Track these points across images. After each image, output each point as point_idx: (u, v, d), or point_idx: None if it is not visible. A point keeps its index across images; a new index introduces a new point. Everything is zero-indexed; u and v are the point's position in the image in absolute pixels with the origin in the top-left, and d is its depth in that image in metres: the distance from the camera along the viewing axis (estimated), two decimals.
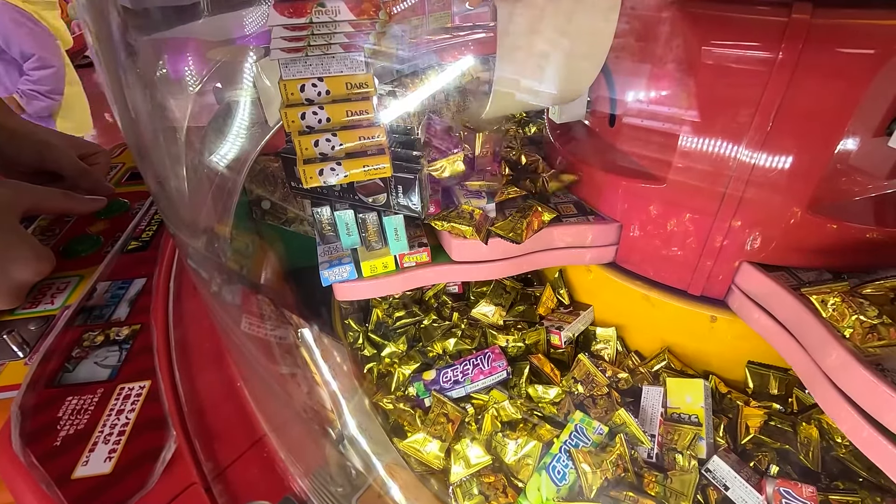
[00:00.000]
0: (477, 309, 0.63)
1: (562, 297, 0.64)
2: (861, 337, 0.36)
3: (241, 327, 0.43)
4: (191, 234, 0.43)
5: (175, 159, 0.45)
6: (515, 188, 0.55)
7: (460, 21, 0.76)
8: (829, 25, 0.35)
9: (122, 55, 0.37)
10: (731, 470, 0.45)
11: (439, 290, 0.67)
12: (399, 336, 0.63)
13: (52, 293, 0.55)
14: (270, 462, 0.36)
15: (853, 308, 0.37)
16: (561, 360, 0.60)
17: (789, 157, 0.39)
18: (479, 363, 0.57)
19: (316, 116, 0.45)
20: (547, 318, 0.62)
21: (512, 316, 0.64)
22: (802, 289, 0.41)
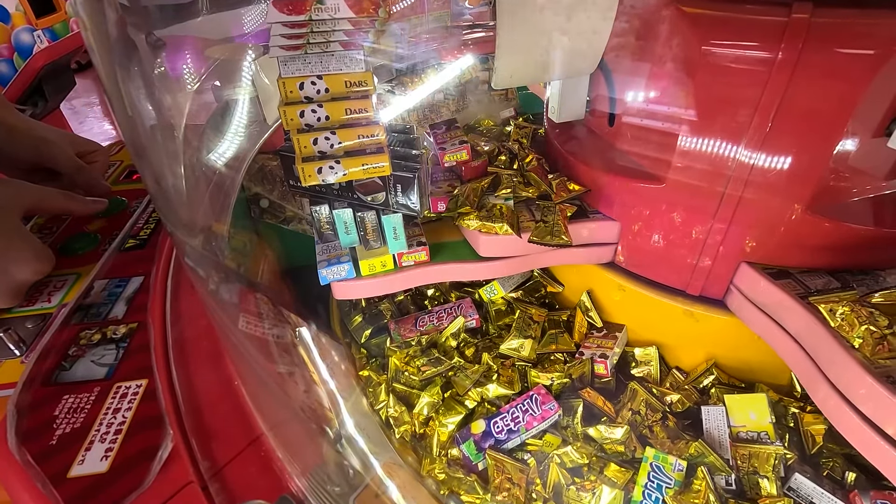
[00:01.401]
0: (506, 345, 0.58)
1: (592, 320, 0.60)
2: (871, 348, 0.35)
3: (239, 326, 0.43)
4: (188, 233, 0.43)
5: (173, 158, 0.45)
6: (532, 189, 0.55)
7: (459, 20, 0.76)
8: (829, 25, 0.35)
9: (118, 53, 0.36)
10: (815, 486, 0.42)
11: (458, 328, 0.60)
12: (428, 386, 0.56)
13: (49, 291, 0.55)
14: (268, 461, 0.36)
15: (863, 318, 0.36)
16: (606, 389, 0.56)
17: (788, 158, 0.39)
18: (528, 408, 0.52)
19: (315, 114, 0.45)
20: (584, 346, 0.58)
21: (545, 347, 0.58)
22: (810, 297, 0.40)
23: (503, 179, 0.56)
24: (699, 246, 0.46)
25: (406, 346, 0.59)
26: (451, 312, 0.62)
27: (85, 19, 0.34)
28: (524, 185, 0.56)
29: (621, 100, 0.49)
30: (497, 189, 0.55)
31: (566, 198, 0.53)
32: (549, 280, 0.65)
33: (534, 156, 0.58)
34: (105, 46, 0.35)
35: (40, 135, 0.67)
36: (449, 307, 0.63)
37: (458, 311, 0.63)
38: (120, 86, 0.36)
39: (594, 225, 0.52)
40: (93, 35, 0.34)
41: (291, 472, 0.36)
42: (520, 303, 0.63)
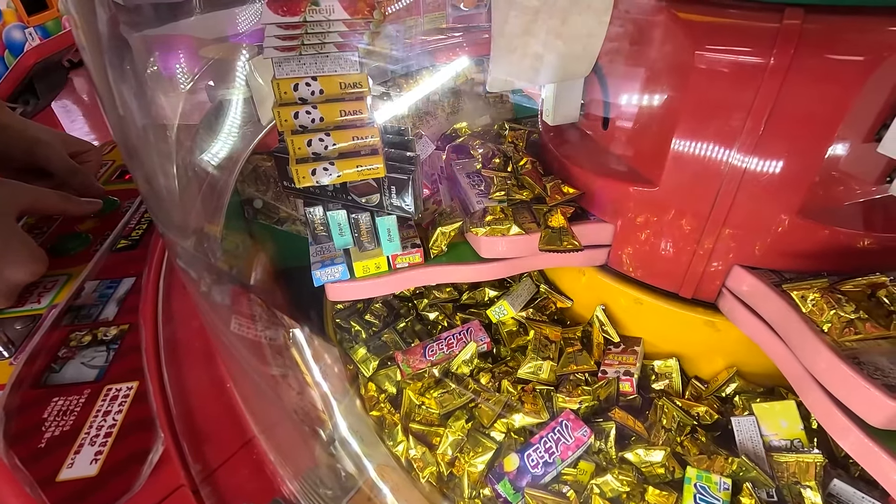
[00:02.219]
0: (524, 369, 0.56)
1: (609, 335, 0.58)
2: (839, 331, 0.37)
3: (231, 328, 0.42)
4: (180, 234, 0.43)
5: (165, 158, 0.45)
6: (526, 191, 0.55)
7: (455, 22, 0.76)
8: (821, 31, 0.35)
9: (109, 51, 0.36)
10: (855, 491, 0.42)
11: (471, 354, 0.58)
12: (449, 420, 0.53)
13: (40, 292, 0.54)
14: (260, 464, 0.36)
15: (832, 303, 0.38)
16: (631, 406, 0.54)
17: (780, 162, 0.40)
18: (559, 436, 0.49)
19: (309, 116, 0.45)
20: (605, 363, 0.56)
21: (564, 368, 0.56)
22: (784, 285, 0.42)
23: (496, 182, 0.57)
24: (692, 248, 0.47)
25: (418, 377, 0.57)
26: (460, 338, 0.60)
27: (76, 17, 0.33)
28: (518, 187, 0.56)
29: (615, 103, 0.49)
30: (490, 192, 0.55)
31: (560, 200, 0.53)
32: (558, 295, 0.63)
33: (528, 158, 0.58)
34: (96, 45, 0.35)
35: (33, 135, 0.67)
36: (458, 332, 0.61)
37: (467, 335, 0.60)
38: (111, 85, 0.35)
39: (588, 227, 0.52)
40: (84, 33, 0.34)
41: (283, 475, 0.35)
42: (533, 322, 0.61)
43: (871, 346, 0.36)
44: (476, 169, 0.60)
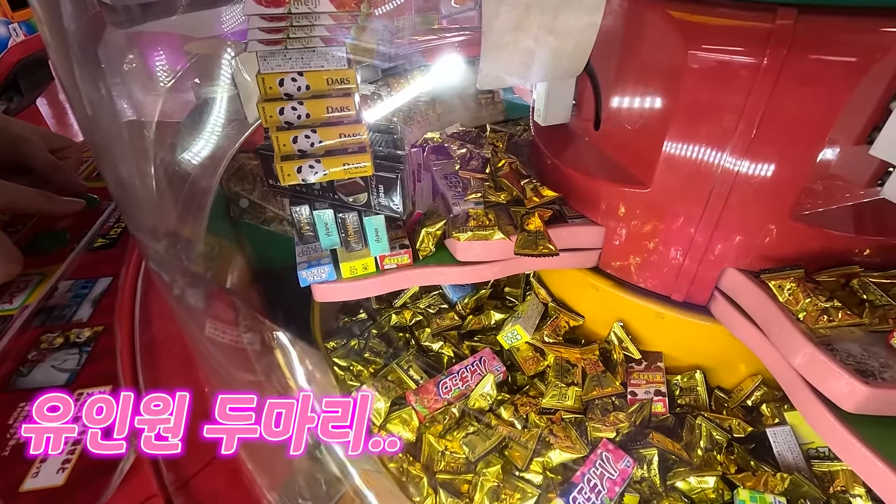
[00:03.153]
0: (548, 397, 0.53)
1: (630, 352, 0.56)
2: (813, 319, 0.38)
3: (208, 332, 0.41)
4: (154, 235, 0.41)
5: (142, 156, 0.43)
6: (503, 193, 0.54)
7: (447, 22, 0.75)
8: (813, 32, 0.35)
9: (77, 47, 0.34)
10: None
11: (490, 386, 0.54)
12: (479, 465, 0.49)
13: (12, 291, 0.52)
14: (236, 473, 0.35)
15: (807, 292, 0.39)
16: (663, 426, 0.53)
17: (773, 164, 0.39)
18: (602, 471, 0.46)
19: (295, 112, 0.43)
20: (630, 383, 0.54)
21: (589, 393, 0.53)
22: (762, 275, 0.42)
23: (472, 184, 0.55)
24: (683, 251, 0.46)
25: (436, 419, 0.53)
26: (474, 369, 0.56)
27: (40, 12, 0.32)
28: (495, 189, 0.55)
29: (607, 104, 0.48)
30: (466, 194, 0.54)
31: (538, 203, 0.52)
32: (568, 313, 0.61)
33: (507, 160, 0.57)
34: (61, 40, 0.33)
35: (15, 132, 0.65)
36: (470, 363, 0.57)
37: (482, 365, 0.57)
38: (77, 82, 0.34)
39: (578, 229, 0.51)
40: (49, 29, 0.32)
41: (261, 484, 0.34)
42: (551, 346, 0.57)
43: (845, 333, 0.37)
44: (454, 170, 0.59)
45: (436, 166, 0.62)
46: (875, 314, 0.39)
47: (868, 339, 0.37)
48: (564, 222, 0.52)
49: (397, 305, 0.69)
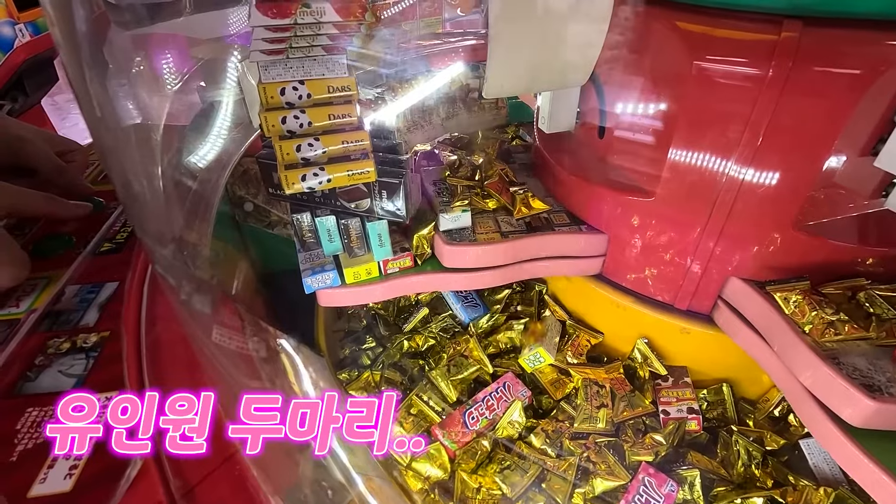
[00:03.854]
0: (579, 421, 0.51)
1: (655, 369, 0.55)
2: (820, 332, 0.38)
3: (214, 338, 0.41)
4: (164, 240, 0.41)
5: (149, 160, 0.43)
6: (492, 201, 0.55)
7: (451, 27, 0.75)
8: (819, 44, 0.35)
9: (88, 49, 0.35)
10: None
11: (518, 413, 0.52)
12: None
13: (18, 295, 0.53)
14: (242, 480, 0.35)
15: (813, 305, 0.38)
16: (696, 443, 0.52)
17: (777, 174, 0.39)
18: (648, 497, 0.45)
19: (297, 121, 0.43)
20: (662, 402, 0.52)
21: (620, 414, 0.52)
22: (767, 286, 0.42)
23: (459, 191, 0.55)
24: (686, 260, 0.46)
25: (468, 453, 0.50)
26: (499, 396, 0.54)
27: (51, 13, 0.32)
28: (483, 197, 0.55)
29: (612, 112, 0.48)
30: (453, 201, 0.54)
31: (527, 215, 0.52)
32: (588, 331, 0.59)
33: (497, 168, 0.57)
34: (73, 42, 0.34)
35: (17, 133, 0.65)
36: (494, 390, 0.54)
37: (507, 391, 0.54)
38: (88, 85, 0.34)
39: (582, 237, 0.51)
40: (60, 31, 0.32)
41: (266, 491, 0.34)
42: (577, 367, 0.56)
43: (851, 346, 0.37)
44: (443, 177, 0.59)
45: (425, 172, 0.62)
46: (882, 328, 0.38)
47: (874, 353, 0.37)
48: (567, 229, 0.52)
49: (407, 330, 0.66)
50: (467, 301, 0.66)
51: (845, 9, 0.34)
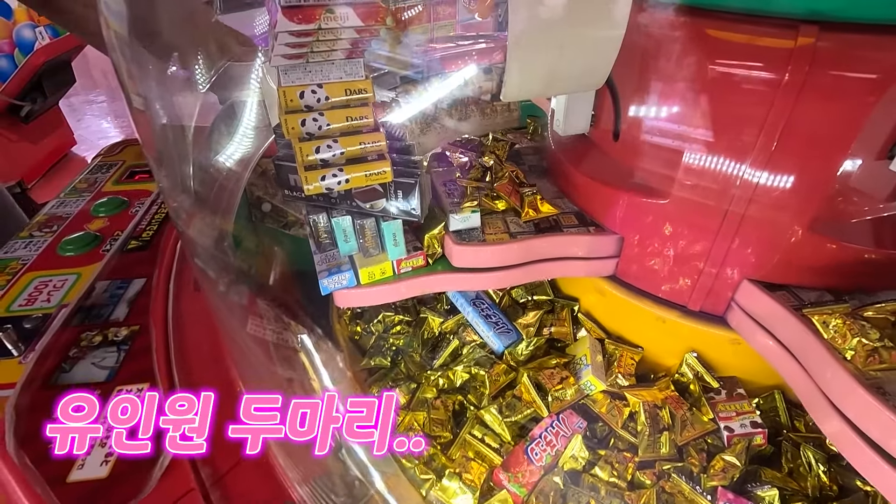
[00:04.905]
0: (645, 450, 0.49)
1: (707, 382, 0.53)
2: (863, 360, 0.36)
3: (248, 329, 0.42)
4: (208, 233, 0.43)
5: (184, 158, 0.45)
6: (501, 202, 0.55)
7: (462, 29, 0.76)
8: (835, 49, 0.35)
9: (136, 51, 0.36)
10: None
11: (579, 446, 0.49)
12: None
13: (49, 290, 0.55)
14: (269, 469, 0.36)
15: (855, 330, 0.37)
16: (761, 456, 0.50)
17: (792, 177, 0.40)
18: None
19: (316, 123, 0.45)
20: (721, 417, 0.50)
21: (683, 436, 0.49)
22: (804, 309, 0.40)
23: (469, 192, 0.56)
24: (701, 262, 0.47)
25: (544, 496, 0.47)
26: (557, 430, 0.51)
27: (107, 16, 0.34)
28: (493, 198, 0.56)
29: (627, 115, 0.49)
30: (462, 202, 0.54)
31: (535, 217, 0.53)
32: (628, 347, 0.57)
33: (507, 170, 0.58)
34: (125, 45, 0.35)
35: None
36: (550, 424, 0.51)
37: (564, 425, 0.52)
38: (138, 84, 0.36)
39: (596, 238, 0.52)
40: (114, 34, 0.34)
41: (293, 479, 0.35)
42: (633, 390, 0.53)
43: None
44: (454, 178, 0.59)
45: (436, 172, 0.62)
46: None
47: None
48: (581, 230, 0.53)
49: (438, 366, 0.62)
50: (498, 327, 0.61)
51: (862, 14, 0.34)
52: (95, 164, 0.82)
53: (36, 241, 0.62)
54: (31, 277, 0.56)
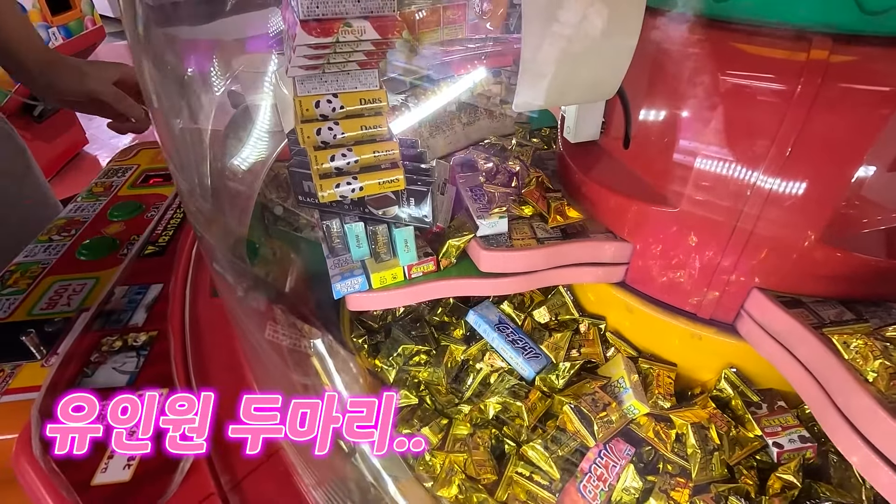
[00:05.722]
0: (698, 473, 0.47)
1: (748, 396, 0.51)
2: (885, 382, 0.35)
3: (266, 335, 0.43)
4: (227, 239, 0.44)
5: (201, 160, 0.46)
6: (528, 207, 0.55)
7: (473, 32, 0.76)
8: (848, 62, 0.35)
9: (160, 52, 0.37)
10: None
11: (632, 476, 0.48)
12: None
13: (69, 295, 0.56)
14: (286, 475, 0.37)
15: (877, 352, 0.36)
16: (810, 468, 0.48)
17: (804, 188, 0.40)
18: None
19: (331, 132, 0.45)
20: (767, 433, 0.49)
21: (734, 455, 0.48)
22: (824, 328, 0.40)
23: (497, 197, 0.56)
24: (711, 271, 0.47)
25: None
26: (606, 461, 0.48)
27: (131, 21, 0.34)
28: (520, 204, 0.56)
29: (637, 123, 0.49)
30: (491, 208, 0.54)
31: (562, 223, 0.53)
32: (662, 365, 0.55)
33: (534, 176, 0.58)
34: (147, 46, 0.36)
35: (76, 65, 0.72)
36: (598, 456, 0.49)
37: (612, 455, 0.49)
38: (160, 87, 0.36)
39: (607, 245, 0.52)
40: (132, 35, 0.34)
41: (310, 485, 0.36)
42: (677, 412, 0.51)
43: None
44: (479, 183, 0.60)
45: (461, 179, 0.63)
46: None
47: None
48: (602, 236, 0.53)
49: (468, 397, 0.59)
50: (527, 352, 0.59)
51: (875, 28, 0.34)
52: (110, 168, 0.84)
53: (55, 245, 0.64)
54: (52, 281, 0.58)
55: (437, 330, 0.66)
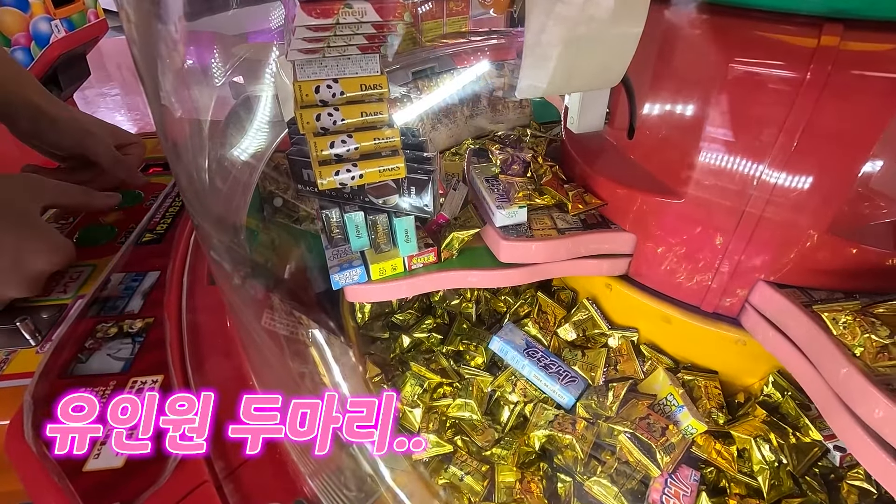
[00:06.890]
0: (770, 491, 0.45)
1: (799, 398, 0.49)
2: (872, 356, 0.36)
3: (257, 323, 0.43)
4: (223, 226, 0.43)
5: (199, 151, 0.45)
6: (546, 197, 0.55)
7: (474, 25, 0.76)
8: (859, 49, 0.35)
9: (158, 42, 0.37)
10: None
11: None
12: None
13: (66, 282, 0.56)
14: (282, 464, 0.37)
15: (864, 327, 0.37)
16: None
17: (812, 178, 0.39)
18: None
19: (331, 118, 0.45)
20: (826, 437, 0.47)
21: (800, 465, 0.47)
22: (814, 306, 0.40)
23: (517, 186, 0.56)
24: (716, 262, 0.46)
25: None
26: (676, 490, 0.46)
27: (128, 10, 0.34)
28: (538, 193, 0.56)
29: (642, 113, 0.48)
30: (511, 197, 0.55)
31: (582, 210, 0.52)
32: (704, 374, 0.53)
33: (548, 166, 0.58)
34: (146, 38, 0.36)
35: (84, 127, 0.70)
36: (666, 484, 0.46)
37: (679, 483, 0.46)
38: (157, 78, 0.36)
39: (610, 236, 0.52)
40: (134, 27, 0.34)
41: (306, 474, 0.36)
42: (738, 427, 0.49)
43: None
44: (494, 174, 0.59)
45: (476, 169, 0.62)
46: None
47: None
48: (594, 228, 0.52)
49: (505, 436, 0.54)
50: (562, 377, 0.54)
51: (888, 13, 0.34)
52: None
53: None
54: None
55: (455, 361, 0.60)
